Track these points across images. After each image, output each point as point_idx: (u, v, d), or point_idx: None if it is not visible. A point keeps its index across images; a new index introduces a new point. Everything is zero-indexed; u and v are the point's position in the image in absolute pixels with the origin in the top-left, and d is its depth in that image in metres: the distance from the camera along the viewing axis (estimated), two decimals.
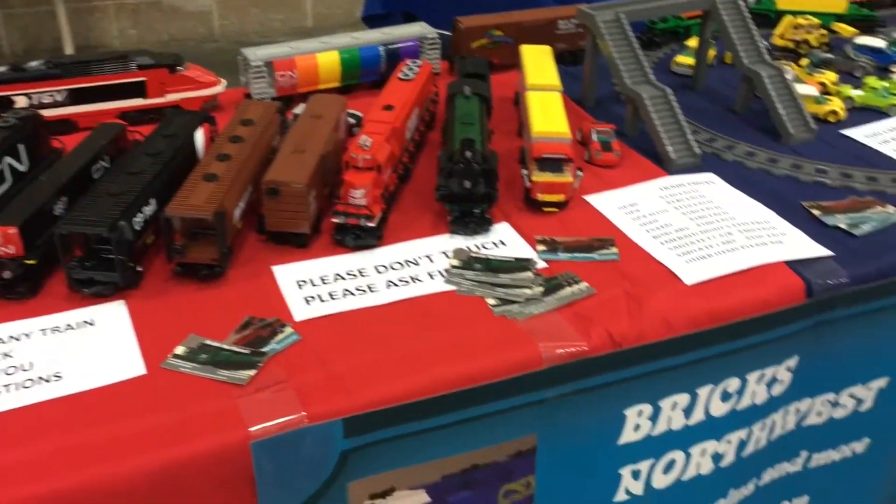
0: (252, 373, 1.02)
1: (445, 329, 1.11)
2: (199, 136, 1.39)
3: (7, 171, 1.30)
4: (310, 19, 5.64)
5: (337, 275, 1.21)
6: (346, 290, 1.18)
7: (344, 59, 1.74)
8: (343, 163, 1.29)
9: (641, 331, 1.13)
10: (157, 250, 1.23)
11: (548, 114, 1.45)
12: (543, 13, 1.98)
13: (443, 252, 1.27)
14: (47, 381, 1.00)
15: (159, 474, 0.90)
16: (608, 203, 1.40)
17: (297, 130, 1.38)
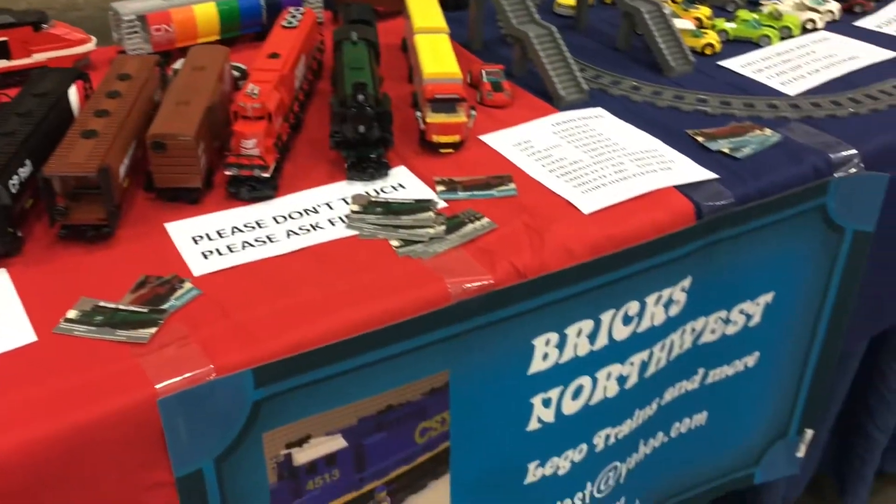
0: (153, 330, 0.98)
1: (351, 273, 1.10)
2: (73, 93, 1.32)
3: None
4: None
5: (234, 227, 1.18)
6: (245, 242, 1.15)
7: (223, 10, 1.67)
8: (231, 113, 1.25)
9: (544, 261, 1.15)
10: (39, 215, 1.16)
11: (438, 56, 1.45)
12: None
13: (342, 199, 1.25)
14: None
15: (66, 441, 0.86)
16: (503, 141, 1.42)
17: (179, 83, 1.32)
